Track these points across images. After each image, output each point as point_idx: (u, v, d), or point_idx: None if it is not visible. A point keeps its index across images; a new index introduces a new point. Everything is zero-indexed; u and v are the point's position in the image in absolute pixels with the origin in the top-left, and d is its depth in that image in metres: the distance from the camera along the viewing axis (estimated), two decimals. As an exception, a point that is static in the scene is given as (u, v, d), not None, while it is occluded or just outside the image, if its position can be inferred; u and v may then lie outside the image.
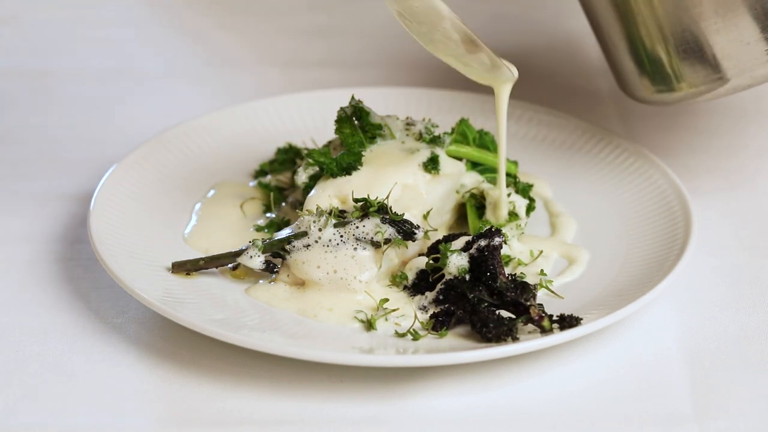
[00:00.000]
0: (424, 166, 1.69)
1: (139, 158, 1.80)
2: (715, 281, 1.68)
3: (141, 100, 2.09)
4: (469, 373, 1.52)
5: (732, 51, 1.62)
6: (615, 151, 1.84)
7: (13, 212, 1.81)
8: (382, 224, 1.60)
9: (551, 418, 1.48)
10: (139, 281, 1.58)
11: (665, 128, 2.00)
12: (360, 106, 1.71)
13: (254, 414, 1.48)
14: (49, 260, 1.71)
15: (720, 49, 1.62)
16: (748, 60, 1.62)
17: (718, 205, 1.83)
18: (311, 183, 1.71)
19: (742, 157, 1.93)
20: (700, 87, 1.66)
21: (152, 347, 1.56)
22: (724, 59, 1.63)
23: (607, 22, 1.72)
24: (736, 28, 1.61)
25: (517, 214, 1.71)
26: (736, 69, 1.63)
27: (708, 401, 1.50)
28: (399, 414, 1.48)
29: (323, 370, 1.52)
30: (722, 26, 1.61)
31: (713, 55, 1.63)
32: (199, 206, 1.78)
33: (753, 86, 1.64)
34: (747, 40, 1.61)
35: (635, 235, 1.71)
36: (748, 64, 1.62)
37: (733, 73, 1.63)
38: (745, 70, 1.63)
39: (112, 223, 1.68)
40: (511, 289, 1.54)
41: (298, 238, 1.61)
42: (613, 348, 1.57)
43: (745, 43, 1.61)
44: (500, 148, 1.70)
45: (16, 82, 2.12)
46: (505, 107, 1.69)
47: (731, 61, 1.62)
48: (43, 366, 1.54)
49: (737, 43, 1.61)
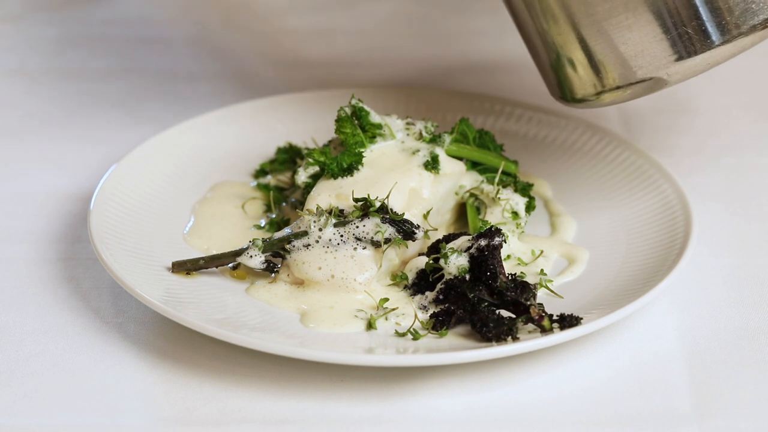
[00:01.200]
0: (424, 165, 1.69)
1: (139, 158, 1.80)
2: (715, 281, 1.68)
3: (141, 100, 2.09)
4: (469, 373, 1.52)
5: (643, 48, 1.60)
6: (615, 151, 1.84)
7: (13, 212, 1.81)
8: (382, 224, 1.60)
9: (551, 418, 1.48)
10: (139, 281, 1.58)
11: (665, 128, 2.00)
12: (360, 106, 1.71)
13: (254, 414, 1.48)
14: (49, 260, 1.71)
15: (631, 47, 1.61)
16: (655, 59, 1.61)
17: (718, 205, 1.83)
18: (311, 183, 1.71)
19: (742, 158, 1.93)
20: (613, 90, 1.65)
21: (152, 347, 1.56)
22: (636, 57, 1.62)
23: (525, 23, 1.70)
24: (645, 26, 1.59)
25: (517, 212, 1.71)
26: (648, 67, 1.62)
27: (708, 401, 1.50)
28: (399, 414, 1.48)
29: (323, 370, 1.52)
30: (633, 22, 1.60)
31: (622, 54, 1.62)
32: (199, 206, 1.78)
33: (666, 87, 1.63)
34: (653, 38, 1.60)
35: (635, 234, 1.71)
36: (656, 63, 1.61)
37: (643, 73, 1.62)
38: (655, 68, 1.61)
39: (112, 223, 1.68)
40: (511, 289, 1.55)
41: (298, 237, 1.61)
42: (613, 348, 1.57)
43: (658, 39, 1.60)
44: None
45: (16, 82, 2.12)
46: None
47: (640, 60, 1.61)
48: (43, 366, 1.54)
49: (647, 40, 1.60)
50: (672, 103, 2.05)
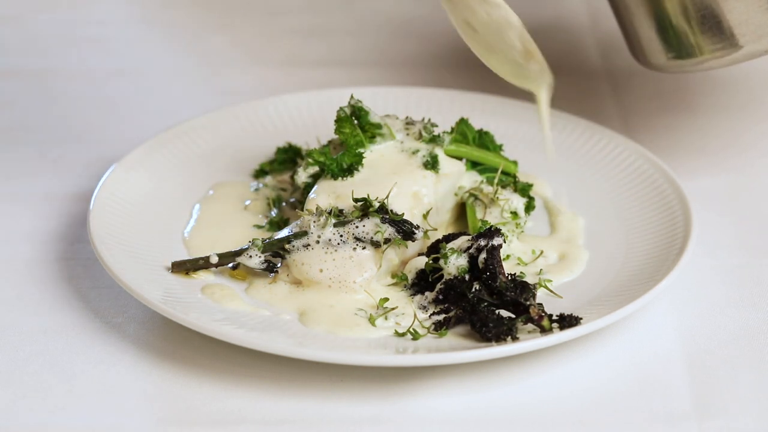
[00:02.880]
0: (424, 165, 1.69)
1: (139, 158, 1.80)
2: (715, 281, 1.68)
3: (141, 100, 2.09)
4: (469, 373, 1.52)
5: (748, 17, 1.63)
6: (615, 151, 1.84)
7: (13, 212, 1.81)
8: (382, 224, 1.60)
9: (551, 418, 1.48)
10: (139, 281, 1.58)
11: (665, 128, 2.00)
12: (359, 106, 1.71)
13: (254, 414, 1.48)
14: (49, 260, 1.71)
15: (737, 15, 1.63)
16: (763, 26, 1.63)
17: (718, 205, 1.83)
18: (311, 183, 1.71)
19: (742, 157, 1.93)
20: (716, 53, 1.67)
21: (152, 347, 1.56)
22: (740, 25, 1.64)
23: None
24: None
25: (516, 213, 1.71)
26: (751, 35, 1.64)
27: (708, 401, 1.50)
28: (399, 414, 1.48)
29: (323, 370, 1.52)
30: None
31: (729, 20, 1.64)
32: (199, 206, 1.78)
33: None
34: (764, 5, 1.62)
35: (635, 234, 1.71)
36: (764, 30, 1.63)
37: (747, 40, 1.64)
38: (761, 36, 1.64)
39: (112, 223, 1.68)
40: (510, 289, 1.55)
41: (298, 237, 1.61)
42: (613, 348, 1.57)
43: (764, 8, 1.62)
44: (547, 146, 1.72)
45: (16, 82, 2.12)
46: (547, 110, 1.70)
47: (747, 27, 1.64)
48: (43, 366, 1.54)
49: (753, 9, 1.62)
50: (672, 103, 2.05)
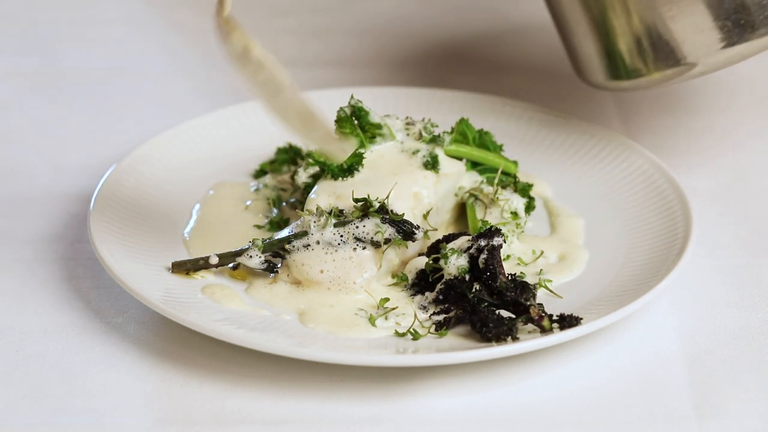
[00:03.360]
0: (424, 165, 1.69)
1: (139, 158, 1.80)
2: (715, 281, 1.68)
3: (141, 100, 2.09)
4: (469, 373, 1.52)
5: (687, 37, 1.66)
6: (615, 151, 1.84)
7: (13, 212, 1.81)
8: (382, 224, 1.60)
9: (551, 418, 1.48)
10: (139, 281, 1.58)
11: (665, 128, 2.00)
12: (359, 106, 1.71)
13: (254, 414, 1.48)
14: (49, 260, 1.71)
15: (677, 35, 1.65)
16: (702, 47, 1.65)
17: (718, 205, 1.83)
18: (311, 183, 1.71)
19: (742, 158, 1.93)
20: (659, 73, 1.69)
21: (152, 347, 1.56)
22: (682, 45, 1.66)
23: (569, 6, 1.74)
24: (691, 15, 1.64)
25: (516, 213, 1.71)
26: (692, 56, 1.67)
27: (708, 401, 1.50)
28: (399, 414, 1.48)
29: (323, 370, 1.52)
30: (677, 13, 1.64)
31: (670, 41, 1.66)
32: (199, 206, 1.78)
33: (707, 73, 1.70)
34: (701, 27, 1.64)
35: (635, 234, 1.71)
36: (703, 50, 1.65)
37: (690, 60, 1.67)
38: (700, 57, 1.66)
39: (112, 223, 1.68)
40: (510, 289, 1.55)
41: (298, 237, 1.61)
42: (613, 348, 1.57)
43: (700, 30, 1.64)
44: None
45: (16, 82, 2.12)
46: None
47: (688, 47, 1.66)
48: (43, 366, 1.54)
49: (692, 30, 1.65)
50: (672, 103, 2.05)
